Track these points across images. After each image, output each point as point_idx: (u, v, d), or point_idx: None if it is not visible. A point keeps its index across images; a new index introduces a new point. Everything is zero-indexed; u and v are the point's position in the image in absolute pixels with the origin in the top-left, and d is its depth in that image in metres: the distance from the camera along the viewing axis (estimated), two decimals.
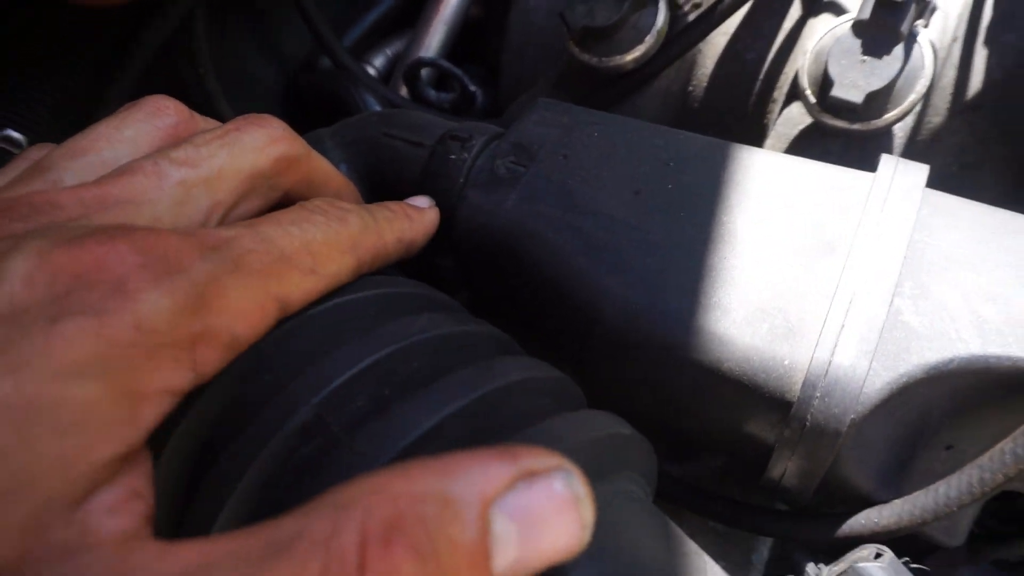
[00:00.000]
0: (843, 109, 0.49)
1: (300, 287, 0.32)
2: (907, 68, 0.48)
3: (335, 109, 0.67)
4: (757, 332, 0.40)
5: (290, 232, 0.33)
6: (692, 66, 0.63)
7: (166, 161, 0.34)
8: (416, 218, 0.43)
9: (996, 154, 0.56)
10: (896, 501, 0.41)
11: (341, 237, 0.36)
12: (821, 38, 0.52)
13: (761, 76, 0.61)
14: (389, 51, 0.74)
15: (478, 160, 0.50)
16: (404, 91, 0.70)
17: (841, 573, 0.40)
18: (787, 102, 0.58)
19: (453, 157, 0.50)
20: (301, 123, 0.72)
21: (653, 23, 0.56)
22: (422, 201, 0.46)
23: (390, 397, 0.32)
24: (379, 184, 0.54)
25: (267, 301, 0.31)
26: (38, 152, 0.38)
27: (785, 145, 0.57)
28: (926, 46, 0.48)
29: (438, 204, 0.50)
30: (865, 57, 0.47)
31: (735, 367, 0.40)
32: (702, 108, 0.64)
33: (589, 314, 0.44)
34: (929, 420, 0.41)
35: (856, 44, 0.48)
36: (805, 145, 0.56)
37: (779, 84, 0.60)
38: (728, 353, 0.40)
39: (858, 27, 0.48)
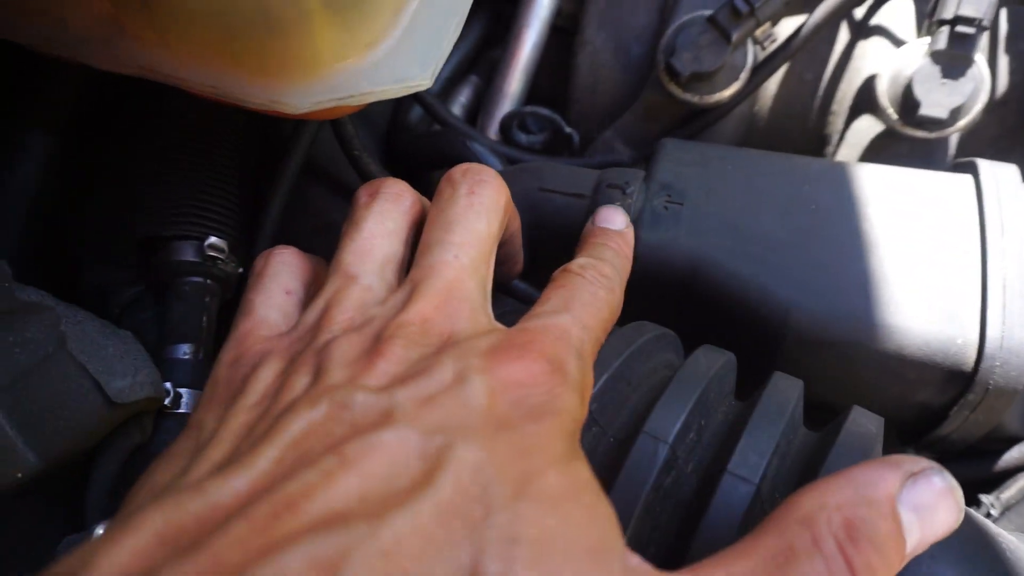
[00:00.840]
0: (928, 123, 0.59)
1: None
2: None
3: (441, 165, 0.72)
4: (929, 320, 0.49)
5: (594, 313, 0.39)
6: (758, 90, 0.72)
7: (454, 251, 0.37)
8: (629, 250, 0.48)
9: (1023, 140, 0.68)
10: None
11: (613, 301, 0.42)
12: (894, 63, 0.62)
13: (820, 93, 0.71)
14: (462, 99, 0.79)
15: (638, 204, 0.57)
16: (494, 137, 0.76)
17: (1013, 496, 0.51)
18: (851, 116, 0.69)
19: (619, 204, 0.57)
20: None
21: (744, 62, 0.64)
22: (617, 220, 0.48)
23: (714, 427, 0.40)
24: (539, 238, 0.60)
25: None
26: (299, 259, 0.41)
27: (858, 153, 0.67)
28: (983, 65, 0.59)
29: None
30: (945, 80, 0.58)
31: (916, 351, 0.50)
32: (768, 125, 0.73)
33: (778, 324, 0.52)
34: None
35: (935, 70, 0.58)
36: (877, 151, 0.66)
37: (837, 99, 0.70)
38: (908, 340, 0.50)
39: (936, 56, 0.58)
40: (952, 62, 0.58)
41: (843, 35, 0.70)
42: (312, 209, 0.60)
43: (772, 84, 0.72)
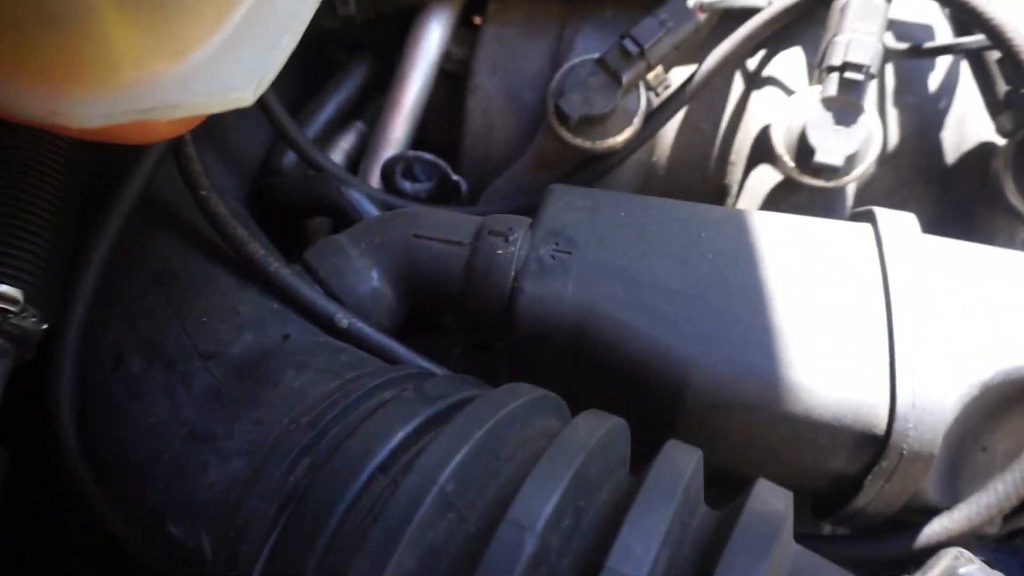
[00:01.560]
0: (824, 170, 0.57)
1: None
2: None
3: (315, 214, 0.65)
4: (837, 379, 0.45)
5: None
6: (654, 138, 0.69)
7: None
8: None
9: (917, 192, 0.67)
10: (960, 505, 0.47)
11: None
12: (787, 111, 0.59)
13: (717, 143, 0.68)
14: (344, 145, 0.72)
15: (522, 251, 0.51)
16: (376, 184, 0.69)
17: None
18: (749, 165, 0.66)
19: (500, 252, 0.51)
20: (267, 230, 0.69)
21: (637, 107, 0.61)
22: None
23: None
24: (416, 288, 0.53)
25: None
26: None
27: (758, 203, 0.64)
28: (874, 115, 0.58)
29: (489, 300, 0.51)
30: (838, 127, 0.56)
31: (825, 413, 0.45)
32: (667, 175, 0.70)
33: (676, 384, 0.46)
34: (969, 428, 0.48)
35: (828, 116, 0.56)
36: (776, 201, 0.64)
37: (735, 148, 0.68)
38: (816, 401, 0.45)
39: (827, 102, 0.56)
40: (844, 108, 0.56)
41: (737, 85, 0.68)
42: (151, 256, 0.51)
43: (669, 133, 0.69)
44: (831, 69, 0.57)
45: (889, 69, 0.67)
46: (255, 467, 0.38)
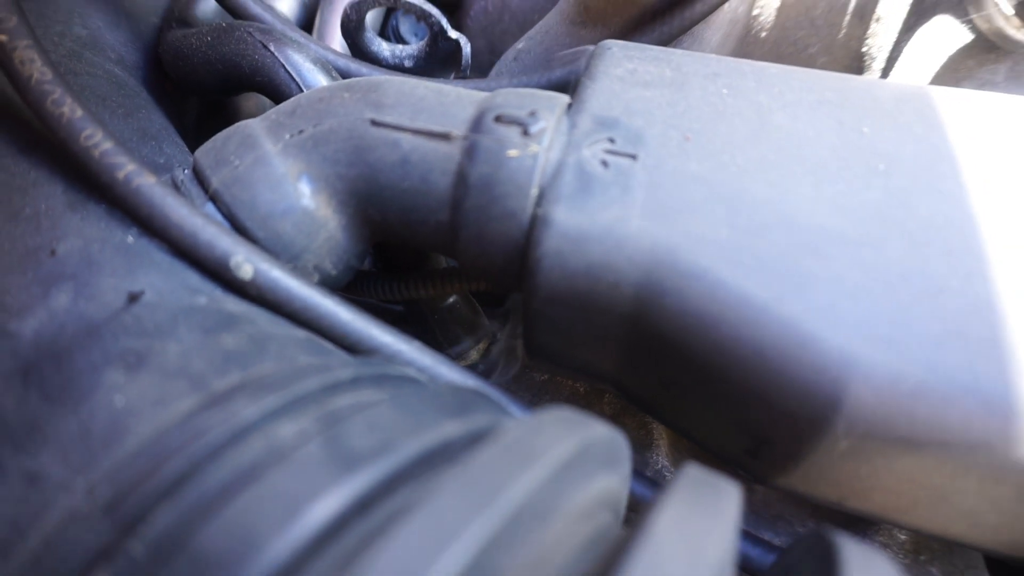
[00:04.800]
0: None
1: None
2: None
3: (241, 84, 0.43)
4: None
5: None
6: None
7: None
8: None
9: None
10: None
11: None
12: None
13: None
14: None
15: (552, 152, 0.30)
16: (340, 45, 0.47)
17: None
18: (910, 22, 0.42)
19: (514, 154, 0.29)
20: (183, 110, 0.47)
21: None
22: None
23: None
24: (374, 211, 0.32)
25: None
26: None
27: (928, 76, 0.41)
28: None
29: (500, 234, 0.30)
30: None
31: None
32: (773, 36, 0.47)
33: (821, 398, 0.26)
34: None
35: None
36: (955, 76, 0.40)
37: None
38: None
39: None
40: None
41: None
42: None
43: None
44: None
45: None
46: None
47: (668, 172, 0.29)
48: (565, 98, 0.32)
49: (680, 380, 0.30)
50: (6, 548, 0.20)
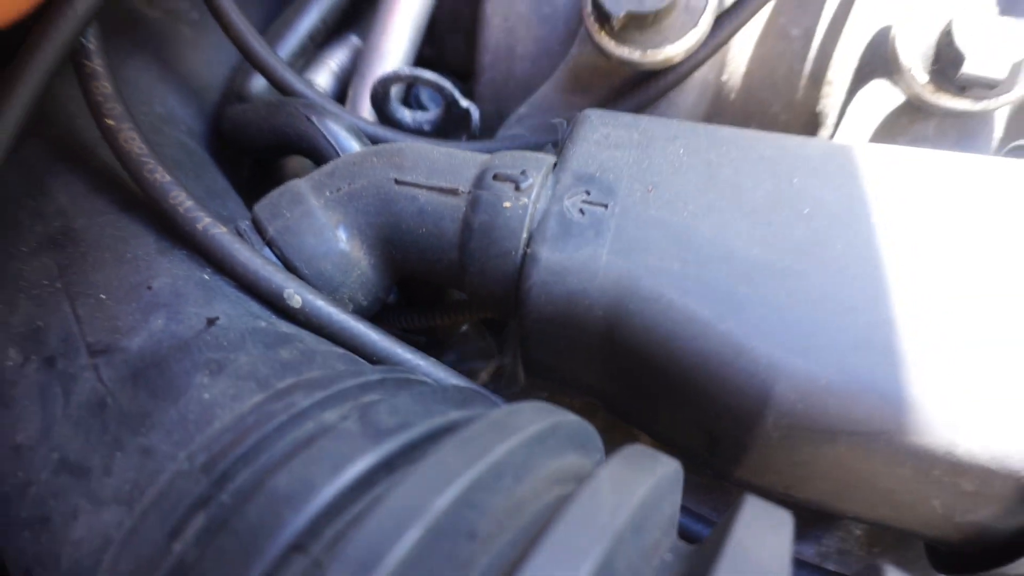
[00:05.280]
0: (975, 86, 0.40)
1: None
2: None
3: (288, 149, 0.51)
4: (999, 404, 0.30)
5: None
6: (726, 48, 0.52)
7: None
8: None
9: None
10: None
11: None
12: (921, 5, 0.42)
13: (812, 55, 0.51)
14: (333, 64, 0.58)
15: (539, 203, 0.37)
16: (369, 114, 0.55)
17: None
18: (856, 84, 0.49)
19: (508, 205, 0.37)
20: (237, 171, 0.56)
21: (705, 3, 0.44)
22: None
23: None
24: (398, 253, 0.40)
25: None
26: None
27: (864, 136, 0.47)
28: None
29: (493, 273, 0.37)
30: (1002, 23, 0.38)
31: (979, 452, 0.30)
32: (741, 98, 0.54)
33: (754, 396, 0.32)
34: None
35: (989, 4, 0.39)
36: (891, 133, 0.47)
37: (836, 61, 0.51)
38: (967, 435, 0.30)
39: None
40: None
41: None
42: (46, 207, 0.39)
43: (746, 43, 0.52)
44: None
45: None
46: (132, 524, 0.27)
47: (632, 217, 0.36)
48: (551, 158, 0.39)
49: (649, 388, 0.37)
50: (131, 500, 0.27)
